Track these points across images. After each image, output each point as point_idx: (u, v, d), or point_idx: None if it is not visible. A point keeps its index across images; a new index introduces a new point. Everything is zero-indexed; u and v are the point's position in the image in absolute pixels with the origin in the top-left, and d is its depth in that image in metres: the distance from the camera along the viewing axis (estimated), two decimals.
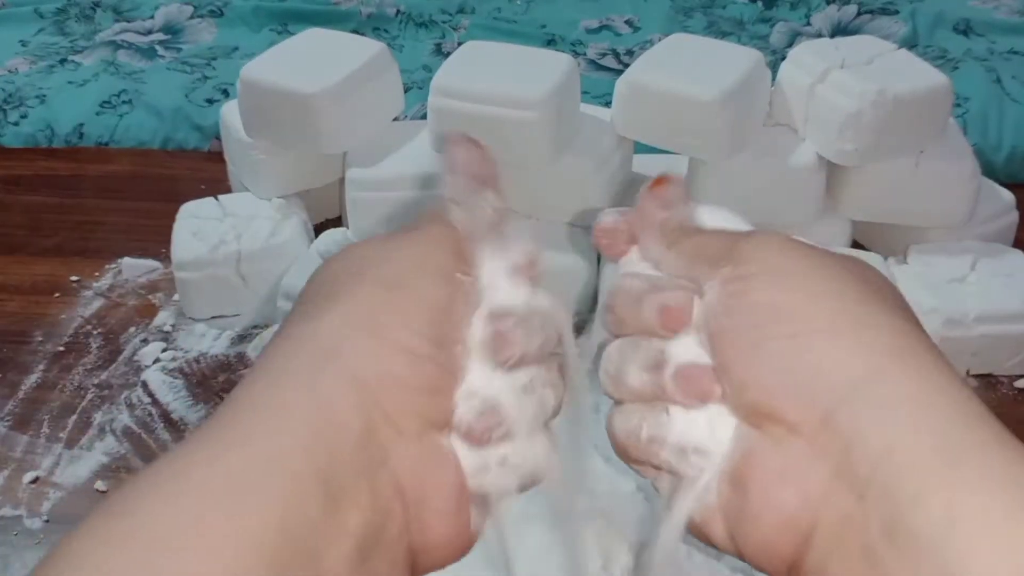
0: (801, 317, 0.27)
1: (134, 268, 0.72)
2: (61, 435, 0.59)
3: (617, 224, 0.34)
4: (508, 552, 0.32)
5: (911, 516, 0.23)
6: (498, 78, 0.62)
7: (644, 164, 0.71)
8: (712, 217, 0.34)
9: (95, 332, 0.67)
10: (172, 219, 0.68)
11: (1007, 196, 0.70)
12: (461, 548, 0.28)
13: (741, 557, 0.28)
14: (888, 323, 0.27)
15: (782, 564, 0.26)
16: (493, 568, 0.33)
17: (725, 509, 0.28)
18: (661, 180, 0.34)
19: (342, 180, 0.68)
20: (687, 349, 0.30)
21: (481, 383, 0.29)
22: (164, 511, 0.23)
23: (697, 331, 0.30)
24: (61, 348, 0.66)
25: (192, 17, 1.03)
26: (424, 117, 0.67)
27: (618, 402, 0.32)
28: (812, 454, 0.26)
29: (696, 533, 0.29)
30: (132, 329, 0.67)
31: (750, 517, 0.27)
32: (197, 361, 0.64)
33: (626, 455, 0.31)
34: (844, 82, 0.61)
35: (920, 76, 0.63)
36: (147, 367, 0.64)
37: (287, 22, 1.02)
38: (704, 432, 0.29)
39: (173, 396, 0.62)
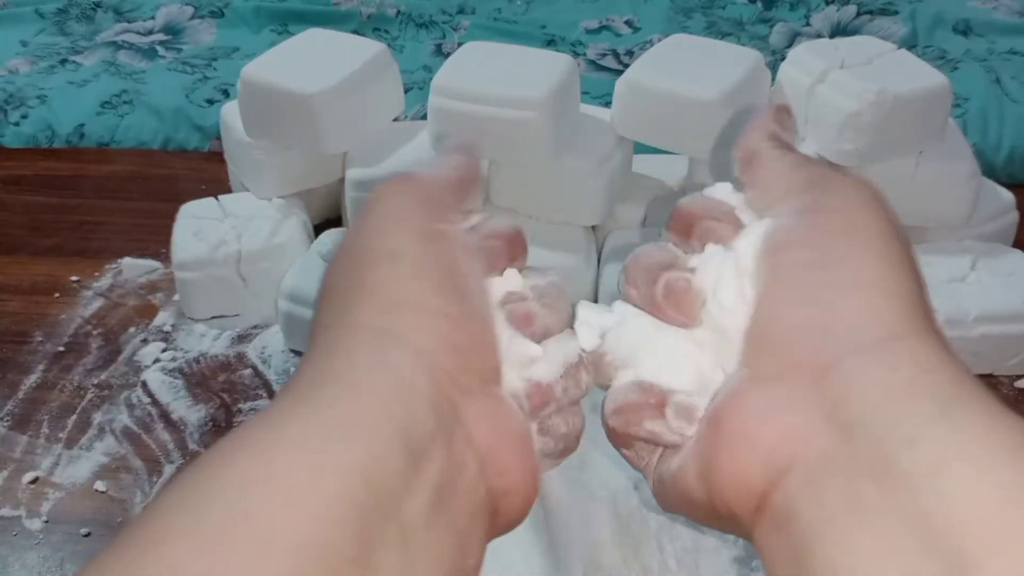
0: (856, 268, 0.28)
1: (134, 268, 0.72)
2: (61, 435, 0.59)
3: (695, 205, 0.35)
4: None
5: (901, 458, 0.24)
6: (498, 78, 0.62)
7: (644, 164, 0.71)
8: (720, 192, 0.34)
9: (95, 332, 0.67)
10: (172, 219, 0.68)
11: (1007, 196, 0.70)
12: (531, 495, 0.30)
13: (706, 505, 0.29)
14: (927, 305, 0.28)
15: (751, 500, 0.27)
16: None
17: (699, 450, 0.29)
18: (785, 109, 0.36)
19: (342, 180, 0.68)
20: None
21: (520, 354, 0.31)
22: (254, 464, 0.24)
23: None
24: (61, 348, 0.66)
25: (193, 18, 1.04)
26: (424, 117, 0.67)
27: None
28: (804, 395, 0.26)
29: (668, 490, 0.30)
30: (132, 329, 0.67)
31: (725, 451, 0.28)
32: (197, 361, 0.65)
33: (615, 434, 0.32)
34: (844, 82, 0.61)
35: (920, 76, 0.63)
36: (147, 367, 0.64)
37: (287, 23, 1.02)
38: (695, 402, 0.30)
39: (173, 396, 0.62)
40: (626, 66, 0.65)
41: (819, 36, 1.00)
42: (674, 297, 0.32)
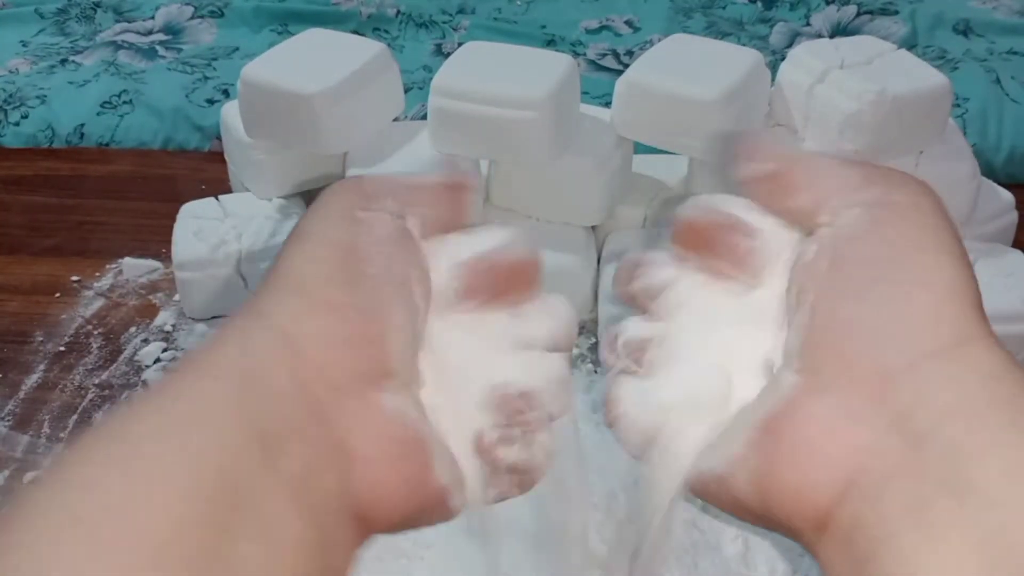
0: (926, 267, 0.27)
1: (135, 268, 0.72)
2: (62, 435, 0.59)
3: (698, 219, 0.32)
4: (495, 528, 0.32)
5: (973, 469, 0.23)
6: (498, 78, 0.62)
7: (644, 164, 0.71)
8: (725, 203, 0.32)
9: (96, 332, 0.67)
10: (173, 219, 0.68)
11: (1006, 196, 0.70)
12: (422, 505, 0.27)
13: (761, 513, 0.27)
14: (983, 307, 0.27)
15: (814, 515, 0.26)
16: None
17: (752, 459, 0.27)
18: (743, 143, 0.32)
19: None
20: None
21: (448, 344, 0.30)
22: (100, 460, 0.23)
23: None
24: (62, 348, 0.66)
25: (192, 17, 1.04)
26: (424, 117, 0.67)
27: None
28: (868, 405, 0.25)
29: (713, 489, 0.28)
30: (133, 329, 0.67)
31: (787, 465, 0.26)
32: None
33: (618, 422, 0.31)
34: (844, 82, 0.62)
35: (920, 76, 0.63)
36: (148, 367, 0.64)
37: (287, 22, 1.02)
38: (714, 384, 0.29)
39: None
40: (626, 66, 0.65)
41: (819, 36, 1.01)
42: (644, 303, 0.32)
